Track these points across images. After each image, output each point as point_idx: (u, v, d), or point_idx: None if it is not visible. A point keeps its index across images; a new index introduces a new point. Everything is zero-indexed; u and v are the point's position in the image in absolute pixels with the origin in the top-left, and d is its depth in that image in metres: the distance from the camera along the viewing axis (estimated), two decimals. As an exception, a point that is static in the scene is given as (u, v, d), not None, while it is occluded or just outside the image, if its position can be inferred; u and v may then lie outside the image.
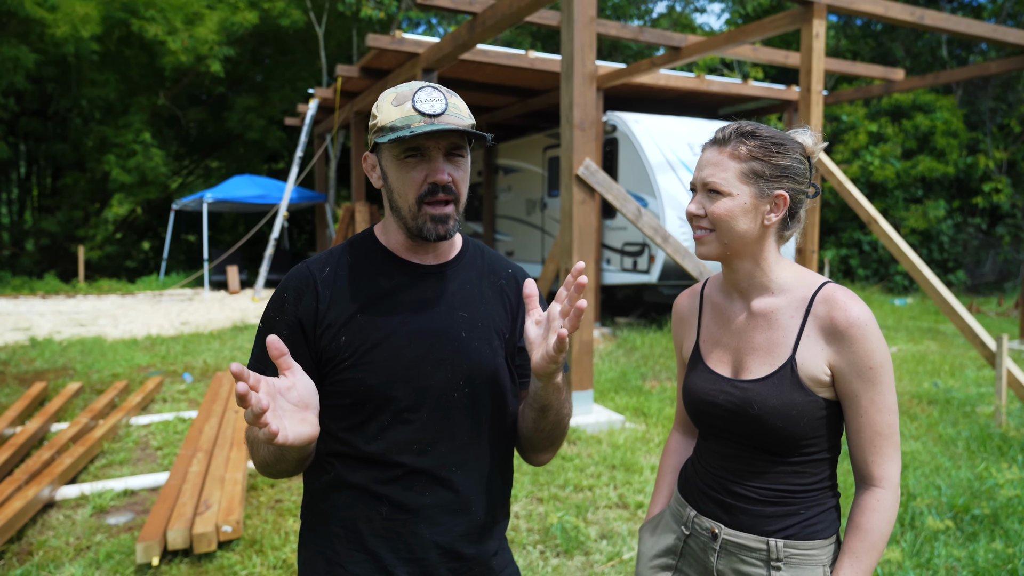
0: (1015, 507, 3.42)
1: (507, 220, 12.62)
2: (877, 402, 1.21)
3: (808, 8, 6.04)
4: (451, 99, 1.20)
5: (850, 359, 1.21)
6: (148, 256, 21.33)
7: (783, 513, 1.26)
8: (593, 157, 5.22)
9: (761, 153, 1.25)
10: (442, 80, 10.06)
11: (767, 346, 1.28)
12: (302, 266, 1.27)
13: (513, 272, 1.39)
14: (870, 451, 1.22)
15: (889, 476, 1.22)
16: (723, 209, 1.25)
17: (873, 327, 1.22)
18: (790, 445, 1.25)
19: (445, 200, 1.20)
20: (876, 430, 1.22)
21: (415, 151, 1.18)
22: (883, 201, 15.12)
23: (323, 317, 1.21)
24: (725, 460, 1.32)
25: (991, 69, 9.02)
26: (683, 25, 22.64)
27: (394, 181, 1.21)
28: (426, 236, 1.21)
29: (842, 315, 1.22)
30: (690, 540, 1.37)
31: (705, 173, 1.27)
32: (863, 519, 1.21)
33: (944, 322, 10.20)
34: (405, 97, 1.18)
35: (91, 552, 3.12)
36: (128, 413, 5.12)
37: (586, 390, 5.21)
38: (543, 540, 3.25)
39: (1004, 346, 4.84)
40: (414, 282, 1.26)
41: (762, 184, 1.25)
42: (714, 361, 1.36)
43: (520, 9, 5.74)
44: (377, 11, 16.53)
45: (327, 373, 1.22)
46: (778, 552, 1.24)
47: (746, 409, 1.25)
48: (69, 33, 13.44)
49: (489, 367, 1.27)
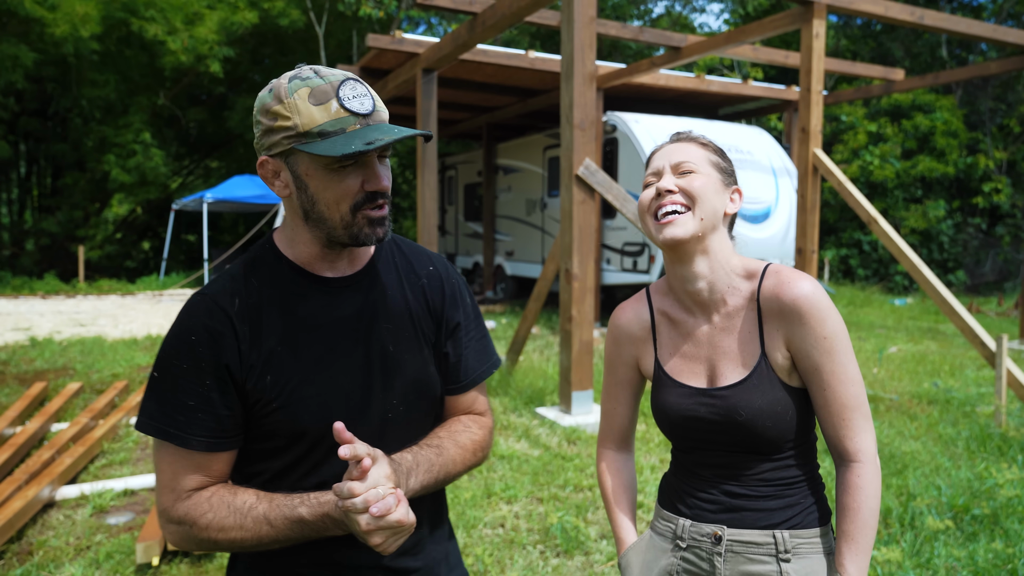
0: (1015, 507, 3.42)
1: (507, 220, 12.62)
2: (838, 373, 1.19)
3: (808, 8, 6.04)
4: (371, 90, 1.08)
5: (802, 333, 1.20)
6: (148, 256, 21.34)
7: (785, 504, 1.25)
8: (593, 157, 5.22)
9: (717, 152, 1.33)
10: (442, 80, 10.06)
11: (738, 348, 1.26)
12: (207, 300, 1.09)
13: (435, 269, 1.28)
14: (841, 426, 1.20)
15: (865, 448, 1.20)
16: (699, 183, 1.25)
17: (820, 297, 1.20)
18: (781, 441, 1.24)
19: (383, 204, 1.10)
20: (842, 403, 1.19)
21: (351, 159, 1.04)
22: (883, 201, 15.12)
23: (246, 358, 1.08)
24: (718, 468, 1.29)
25: (991, 69, 9.03)
26: (682, 25, 22.64)
27: (320, 191, 1.06)
28: (363, 241, 1.10)
29: (786, 291, 1.21)
30: (687, 553, 1.30)
31: (676, 156, 1.29)
32: (849, 499, 1.19)
33: (944, 322, 10.20)
34: (326, 94, 1.03)
35: (91, 552, 3.12)
36: (128, 413, 5.12)
37: (586, 390, 5.21)
38: (543, 540, 3.25)
39: (1004, 346, 4.84)
40: (331, 300, 1.14)
41: (723, 176, 1.30)
42: (685, 375, 1.31)
43: (520, 9, 5.74)
44: (376, 10, 16.53)
45: (255, 416, 1.11)
46: (785, 544, 1.23)
47: (732, 416, 1.23)
48: (68, 32, 13.44)
49: (421, 380, 1.20)
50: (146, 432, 1.07)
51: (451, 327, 1.26)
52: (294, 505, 1.06)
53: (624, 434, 1.48)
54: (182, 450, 1.07)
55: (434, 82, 8.06)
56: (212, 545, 1.08)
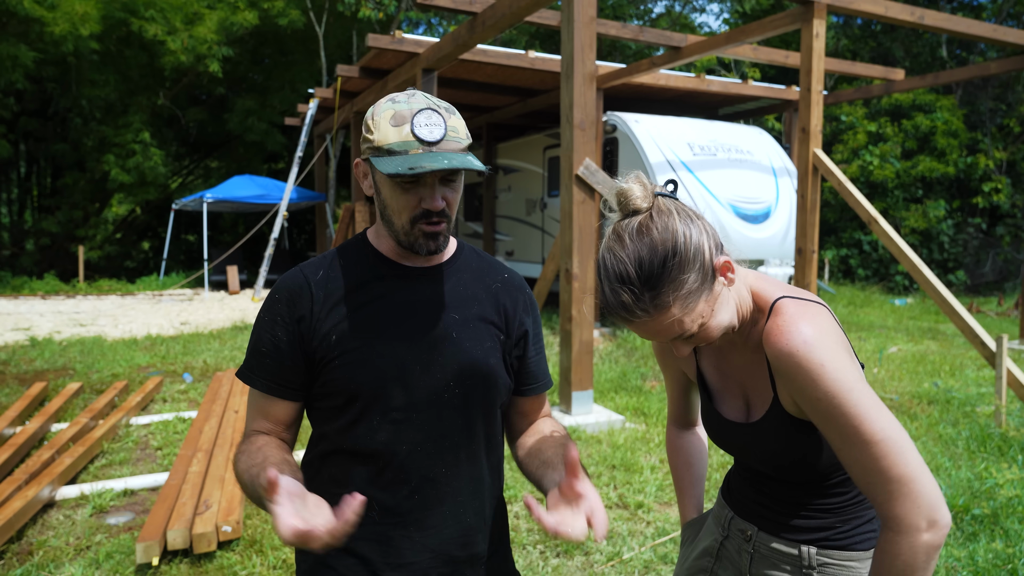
0: (1015, 507, 3.42)
1: (507, 220, 12.62)
2: (846, 436, 1.02)
3: (808, 8, 6.04)
4: (450, 121, 1.18)
5: (799, 392, 1.07)
6: (148, 256, 21.33)
7: (819, 526, 1.21)
8: (593, 157, 5.22)
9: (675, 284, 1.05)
10: (442, 80, 10.06)
11: (760, 385, 1.20)
12: (296, 270, 1.28)
13: (509, 276, 1.38)
14: (869, 489, 1.03)
15: (898, 517, 0.99)
16: (710, 332, 1.11)
17: (810, 353, 1.04)
18: (813, 476, 1.19)
19: (439, 221, 1.21)
20: (862, 466, 1.02)
21: (411, 177, 1.17)
22: (883, 201, 15.12)
23: (316, 318, 1.22)
24: (759, 482, 1.30)
25: (991, 69, 9.02)
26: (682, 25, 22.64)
27: (388, 199, 1.21)
28: (417, 251, 1.23)
29: (772, 349, 1.08)
30: (727, 542, 1.34)
31: (665, 336, 1.11)
32: (876, 557, 1.06)
33: (944, 322, 10.20)
34: (403, 119, 1.15)
35: (91, 552, 3.12)
36: (128, 413, 5.12)
37: (586, 390, 5.21)
38: (543, 540, 3.25)
39: (1004, 346, 4.84)
40: (406, 284, 1.26)
41: (701, 290, 1.07)
42: (721, 400, 1.29)
43: (520, 9, 5.74)
44: (376, 12, 16.52)
45: (318, 373, 1.23)
46: (810, 559, 1.19)
47: (757, 452, 1.23)
48: (68, 31, 13.43)
49: (481, 369, 1.26)
50: (239, 375, 1.27)
51: (522, 332, 1.35)
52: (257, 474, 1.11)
53: (684, 416, 1.53)
54: (254, 392, 1.26)
55: (434, 82, 8.05)
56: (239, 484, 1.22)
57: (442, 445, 1.24)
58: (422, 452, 1.22)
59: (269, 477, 0.94)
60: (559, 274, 5.45)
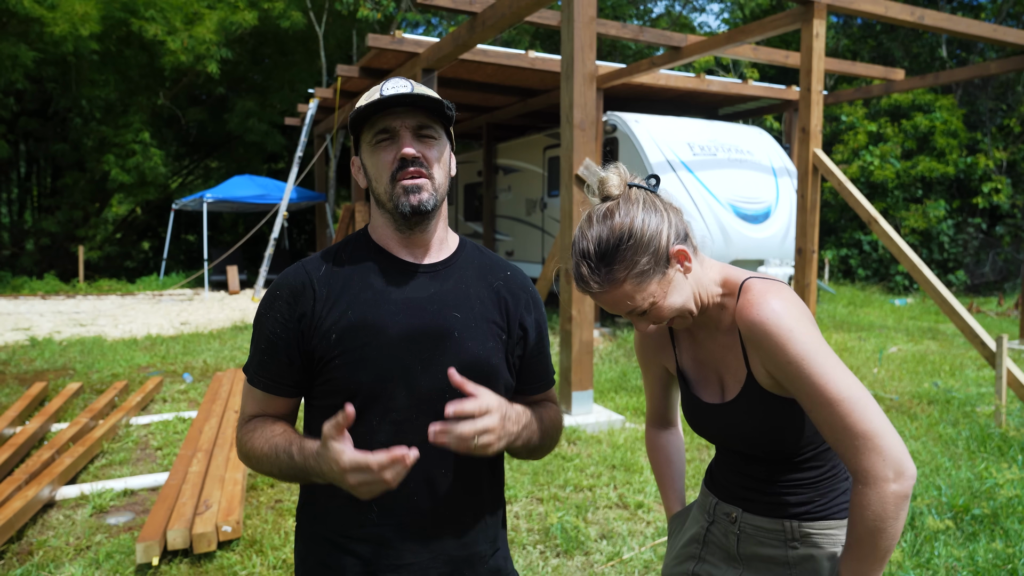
0: (1015, 507, 3.42)
1: (507, 220, 12.62)
2: (815, 396, 1.11)
3: (808, 8, 6.04)
4: (418, 87, 1.21)
5: (770, 359, 1.16)
6: (148, 256, 21.33)
7: (798, 501, 1.28)
8: (593, 157, 5.22)
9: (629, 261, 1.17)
10: (442, 80, 10.07)
11: (734, 364, 1.28)
12: (298, 266, 1.27)
13: (512, 274, 1.38)
14: (837, 446, 1.13)
15: (865, 470, 1.09)
16: (662, 312, 1.22)
17: (783, 320, 1.13)
18: (789, 450, 1.27)
19: (416, 173, 1.21)
20: (830, 424, 1.11)
21: (385, 134, 1.21)
22: (883, 201, 15.12)
23: (318, 315, 1.21)
24: (737, 465, 1.36)
25: (991, 69, 9.02)
26: (682, 25, 22.64)
27: (371, 169, 1.24)
28: (402, 210, 1.21)
29: (748, 316, 1.17)
30: (712, 527, 1.40)
31: (619, 311, 1.23)
32: (850, 512, 1.14)
33: (944, 322, 10.20)
34: (375, 91, 1.22)
35: (91, 552, 3.12)
36: (128, 413, 5.12)
37: (586, 390, 5.21)
38: (543, 540, 3.25)
39: (1004, 346, 4.84)
40: (408, 280, 1.26)
41: (658, 269, 1.19)
42: (699, 386, 1.36)
43: (520, 9, 5.74)
44: (374, 12, 16.52)
45: (319, 371, 1.22)
46: (794, 532, 1.27)
47: (738, 431, 1.29)
48: (68, 31, 13.43)
49: (483, 368, 1.26)
50: (244, 369, 1.29)
51: (523, 331, 1.35)
52: (292, 441, 1.18)
53: (663, 414, 1.59)
54: (250, 386, 1.27)
55: (434, 82, 8.05)
56: (251, 463, 1.23)
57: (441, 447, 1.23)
58: (422, 453, 1.20)
59: (348, 411, 1.03)
60: (559, 274, 5.44)
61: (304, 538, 1.30)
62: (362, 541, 1.22)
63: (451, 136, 1.31)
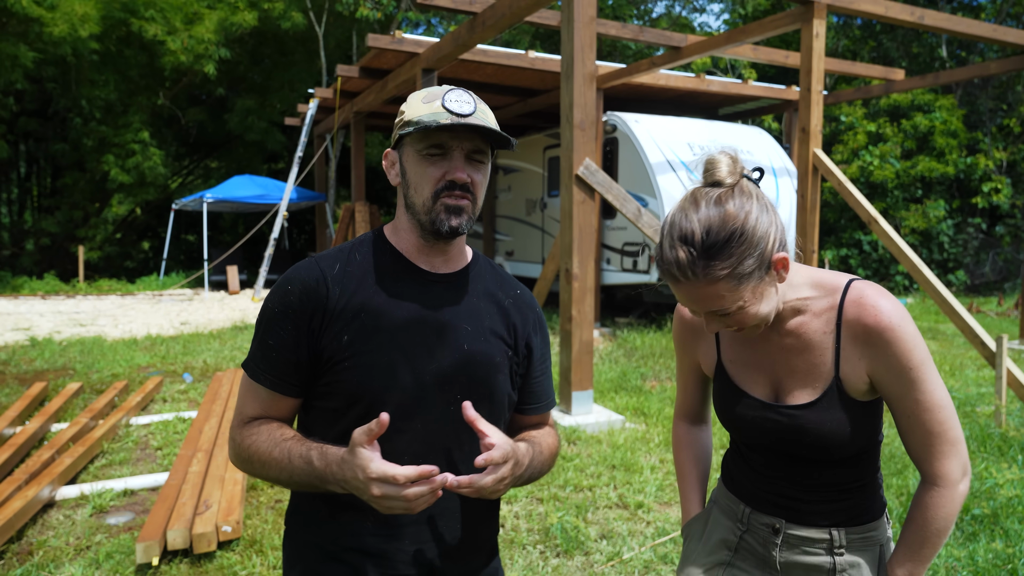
0: (1015, 507, 3.42)
1: (507, 220, 12.62)
2: (923, 402, 1.16)
3: (808, 8, 6.04)
4: (480, 104, 1.20)
5: (888, 363, 1.16)
6: (148, 256, 21.33)
7: (842, 508, 1.27)
8: (593, 157, 5.22)
9: (735, 261, 1.09)
10: (442, 80, 10.06)
11: (807, 368, 1.23)
12: (311, 261, 1.23)
13: (521, 293, 1.37)
14: (924, 450, 1.19)
15: (945, 473, 1.17)
16: (746, 317, 1.16)
17: (906, 325, 1.15)
18: (846, 454, 1.24)
19: (461, 196, 1.19)
20: (927, 429, 1.17)
21: (438, 148, 1.18)
22: (883, 201, 15.12)
23: (330, 314, 1.18)
24: (778, 470, 1.30)
25: (991, 69, 9.02)
26: (682, 25, 22.64)
27: (412, 176, 1.20)
28: (439, 227, 1.19)
29: (872, 319, 1.16)
30: (747, 535, 1.34)
31: (701, 306, 1.16)
32: (917, 514, 1.20)
33: (944, 322, 10.20)
34: (435, 96, 1.18)
35: (91, 552, 3.12)
36: (128, 413, 5.12)
37: (586, 390, 5.21)
38: (543, 540, 3.25)
39: (1004, 346, 4.84)
40: (422, 289, 1.24)
41: (756, 275, 1.12)
42: (748, 383, 1.30)
43: (520, 9, 5.74)
44: (374, 12, 16.51)
45: (324, 371, 1.19)
46: (841, 540, 1.25)
47: (800, 436, 1.23)
48: (67, 32, 13.43)
49: (489, 383, 1.25)
50: (244, 365, 1.23)
51: (528, 351, 1.34)
52: (311, 447, 1.14)
53: (697, 411, 1.53)
54: (254, 383, 1.21)
55: (434, 82, 8.05)
56: (251, 467, 1.19)
57: (445, 457, 1.21)
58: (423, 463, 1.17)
59: (382, 419, 1.02)
60: (559, 274, 5.44)
61: (294, 544, 1.28)
62: (355, 551, 1.20)
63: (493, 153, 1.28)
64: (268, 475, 1.17)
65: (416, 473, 1.01)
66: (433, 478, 1.03)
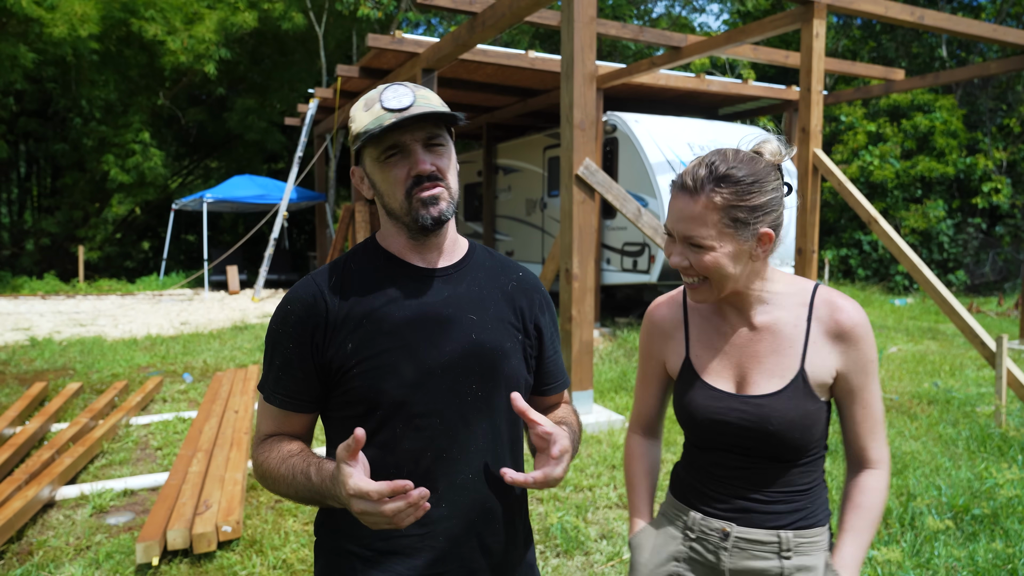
0: (1015, 507, 3.42)
1: (507, 220, 12.62)
2: (876, 392, 1.30)
3: (808, 8, 6.04)
4: (419, 92, 1.18)
5: (855, 357, 1.27)
6: (148, 256, 21.33)
7: (791, 509, 1.30)
8: (593, 157, 5.22)
9: (737, 199, 1.20)
10: (442, 80, 10.07)
11: (774, 359, 1.29)
12: (308, 279, 1.25)
13: (524, 275, 1.36)
14: (870, 437, 1.31)
15: (883, 457, 1.32)
16: (710, 261, 1.23)
17: (869, 325, 1.29)
18: (802, 451, 1.29)
19: (432, 186, 1.19)
20: (876, 418, 1.30)
21: (394, 149, 1.18)
22: (883, 201, 15.12)
23: (331, 327, 1.19)
24: (734, 471, 1.32)
25: (991, 69, 9.02)
26: (681, 25, 22.64)
27: (381, 184, 1.21)
28: (422, 223, 1.19)
29: (846, 317, 1.27)
30: (695, 545, 1.35)
31: (682, 227, 1.23)
32: (864, 499, 1.29)
33: (944, 322, 10.20)
34: (373, 100, 1.18)
35: (91, 552, 3.12)
36: (128, 413, 5.12)
37: (586, 390, 5.21)
38: (543, 540, 3.25)
39: (1004, 346, 4.84)
40: (420, 286, 1.24)
41: (744, 230, 1.21)
42: (713, 376, 1.34)
43: (520, 9, 5.74)
44: (375, 11, 16.51)
45: (337, 382, 1.20)
46: (788, 543, 1.28)
47: (764, 426, 1.26)
48: (67, 32, 13.43)
49: (503, 369, 1.24)
50: (258, 386, 1.27)
51: (539, 331, 1.34)
52: (311, 462, 1.15)
53: (652, 422, 1.54)
54: (266, 403, 1.25)
55: (434, 82, 8.05)
56: (268, 484, 1.22)
57: (467, 449, 1.21)
58: (447, 458, 1.19)
59: (356, 435, 1.01)
60: (559, 274, 5.44)
61: (325, 552, 1.27)
62: (389, 553, 1.19)
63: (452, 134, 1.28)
64: (280, 491, 1.19)
65: (389, 489, 1.00)
66: (409, 493, 1.01)
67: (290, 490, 1.17)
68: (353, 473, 1.03)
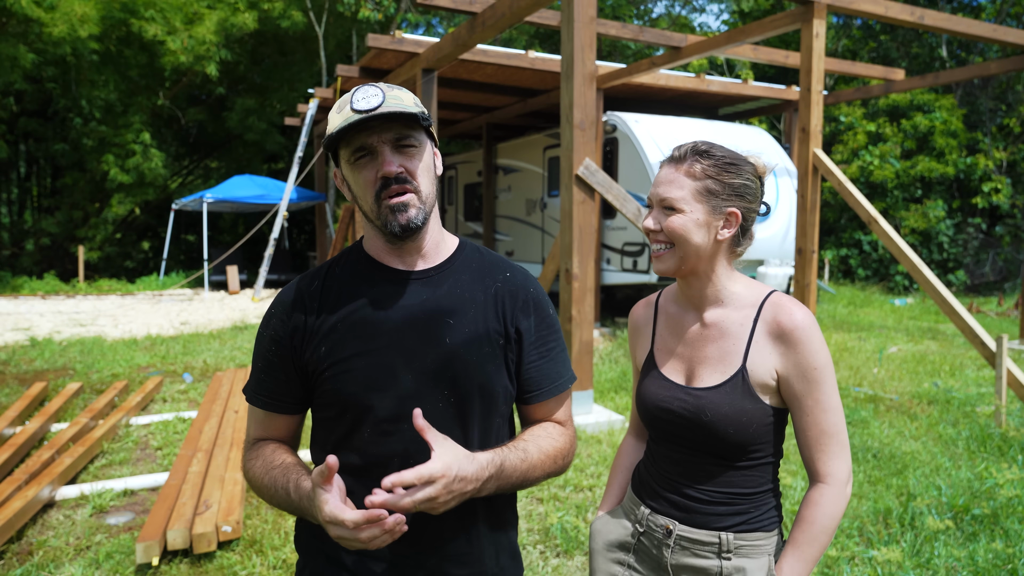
0: (1015, 507, 3.42)
1: (507, 220, 12.62)
2: (821, 401, 1.28)
3: (808, 8, 6.04)
4: (391, 92, 1.16)
5: (795, 360, 1.29)
6: (148, 256, 21.33)
7: (732, 512, 1.34)
8: (593, 157, 5.22)
9: (715, 172, 1.31)
10: (442, 80, 10.06)
11: (719, 355, 1.35)
12: (292, 284, 1.28)
13: (511, 275, 1.30)
14: (816, 448, 1.30)
15: (834, 472, 1.29)
16: (678, 224, 1.31)
17: (816, 331, 1.29)
18: (739, 450, 1.32)
19: (400, 191, 1.17)
20: (821, 428, 1.29)
21: (363, 151, 1.17)
22: (883, 201, 15.12)
23: (310, 330, 1.21)
24: (677, 464, 1.38)
25: (991, 69, 9.02)
26: (681, 25, 22.64)
27: (354, 186, 1.20)
28: (391, 230, 1.17)
29: (787, 318, 1.29)
30: (643, 537, 1.42)
31: (661, 189, 1.33)
32: (806, 512, 1.29)
33: (944, 322, 10.20)
34: (345, 102, 1.17)
35: (91, 552, 3.12)
36: (128, 413, 5.12)
37: (586, 390, 5.21)
38: (543, 540, 3.25)
39: (1004, 346, 4.84)
40: (398, 289, 1.22)
41: (715, 201, 1.31)
42: (668, 369, 1.41)
43: (520, 9, 5.74)
44: (375, 13, 16.51)
45: (313, 385, 1.22)
46: (728, 544, 1.32)
47: (699, 416, 1.31)
48: (67, 32, 13.42)
49: (476, 377, 1.21)
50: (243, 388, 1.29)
51: (520, 334, 1.27)
52: (290, 478, 1.16)
53: (640, 423, 1.60)
54: (251, 405, 1.27)
55: (434, 82, 8.05)
56: (256, 491, 1.23)
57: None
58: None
59: (329, 462, 1.01)
60: (559, 274, 5.44)
61: (302, 549, 1.30)
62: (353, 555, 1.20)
63: (432, 135, 1.25)
64: (266, 500, 1.22)
65: (364, 518, 0.99)
66: (384, 521, 1.00)
67: (273, 501, 1.19)
68: (329, 500, 1.03)
